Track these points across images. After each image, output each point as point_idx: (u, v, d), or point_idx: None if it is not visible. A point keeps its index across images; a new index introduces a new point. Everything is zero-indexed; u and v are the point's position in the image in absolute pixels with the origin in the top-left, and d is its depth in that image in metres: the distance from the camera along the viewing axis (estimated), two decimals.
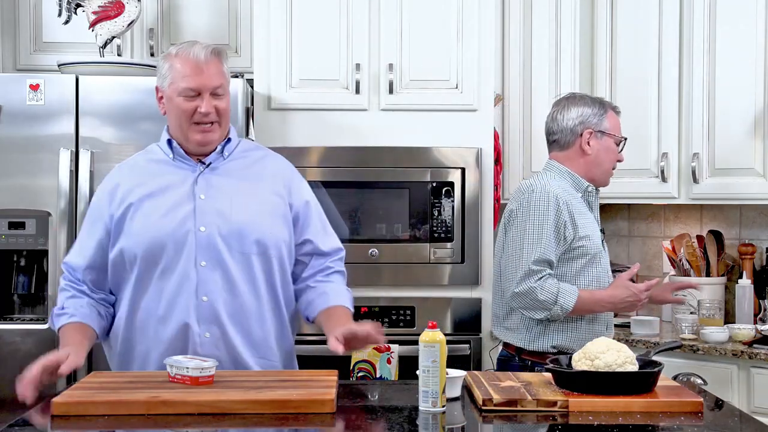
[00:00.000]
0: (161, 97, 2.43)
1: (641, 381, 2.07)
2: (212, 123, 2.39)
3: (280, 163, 2.54)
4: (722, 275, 3.77)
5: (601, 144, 2.90)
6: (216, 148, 2.44)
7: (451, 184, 3.54)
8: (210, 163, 2.43)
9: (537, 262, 2.71)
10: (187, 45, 2.41)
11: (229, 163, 2.45)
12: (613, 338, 2.19)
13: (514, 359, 2.83)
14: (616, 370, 2.06)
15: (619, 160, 2.96)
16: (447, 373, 2.05)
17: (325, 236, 2.52)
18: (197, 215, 2.36)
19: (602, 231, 2.92)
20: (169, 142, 2.45)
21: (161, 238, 2.34)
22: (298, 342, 2.62)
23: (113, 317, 2.42)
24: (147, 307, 2.36)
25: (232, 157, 2.46)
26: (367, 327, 2.22)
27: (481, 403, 2.02)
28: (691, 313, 3.63)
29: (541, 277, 2.70)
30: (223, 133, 2.44)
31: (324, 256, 2.50)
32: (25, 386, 2.05)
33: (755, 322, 3.53)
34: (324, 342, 2.26)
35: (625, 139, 2.97)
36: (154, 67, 3.59)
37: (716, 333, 3.34)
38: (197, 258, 2.34)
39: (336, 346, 2.18)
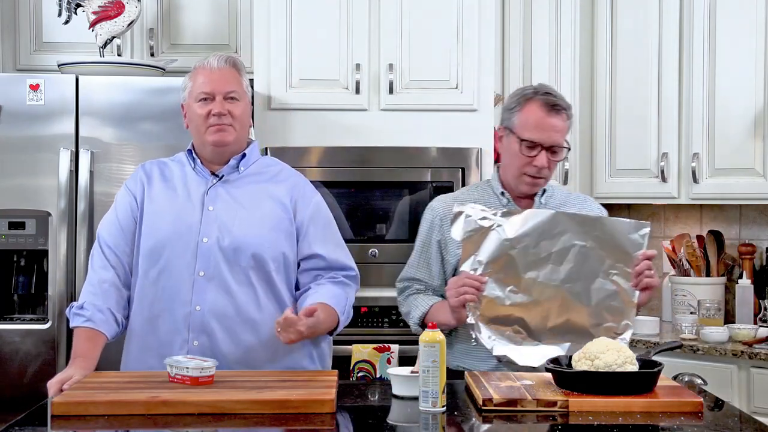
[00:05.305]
0: (186, 114, 2.50)
1: (641, 381, 2.07)
2: (228, 125, 2.43)
3: (292, 178, 2.55)
4: (722, 275, 3.77)
5: (505, 143, 2.52)
6: (229, 161, 2.47)
7: (451, 184, 3.54)
8: (223, 176, 2.47)
9: (401, 280, 2.68)
10: (204, 58, 2.50)
11: (242, 178, 2.48)
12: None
13: None
14: (616, 370, 2.06)
15: (536, 165, 2.44)
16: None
17: (335, 251, 2.51)
18: (203, 226, 2.40)
19: None
20: (190, 152, 2.51)
21: (162, 241, 2.40)
22: None
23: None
24: (141, 306, 2.41)
25: (247, 173, 2.49)
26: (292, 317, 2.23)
27: (481, 403, 2.01)
28: (691, 313, 3.63)
29: (404, 293, 2.64)
30: (239, 139, 2.48)
31: (332, 271, 2.49)
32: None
33: (755, 322, 3.53)
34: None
35: (540, 145, 2.42)
36: (155, 67, 3.64)
37: (716, 333, 3.34)
38: (196, 267, 2.38)
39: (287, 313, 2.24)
